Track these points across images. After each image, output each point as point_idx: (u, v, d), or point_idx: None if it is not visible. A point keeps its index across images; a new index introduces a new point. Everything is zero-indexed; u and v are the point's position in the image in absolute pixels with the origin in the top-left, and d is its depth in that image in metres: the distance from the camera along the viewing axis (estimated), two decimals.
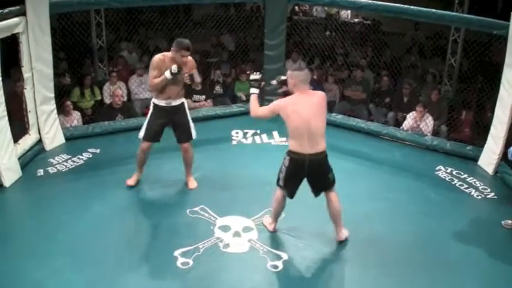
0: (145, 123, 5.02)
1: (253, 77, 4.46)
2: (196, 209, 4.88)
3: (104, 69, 8.02)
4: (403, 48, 9.71)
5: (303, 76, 4.13)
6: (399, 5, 6.47)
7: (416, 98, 7.58)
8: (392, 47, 9.28)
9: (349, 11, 11.96)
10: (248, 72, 4.66)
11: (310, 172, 4.16)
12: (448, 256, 4.38)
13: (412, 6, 6.30)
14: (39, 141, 6.01)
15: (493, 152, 5.94)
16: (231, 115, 7.37)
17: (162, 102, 4.91)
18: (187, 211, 4.85)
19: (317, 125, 4.08)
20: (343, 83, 8.29)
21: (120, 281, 3.93)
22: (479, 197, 5.44)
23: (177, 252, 4.23)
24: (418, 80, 8.30)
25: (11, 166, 5.25)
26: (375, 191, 5.42)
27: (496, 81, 6.13)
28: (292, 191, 4.30)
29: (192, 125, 5.12)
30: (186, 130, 5.07)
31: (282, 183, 4.28)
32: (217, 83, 8.27)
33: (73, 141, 6.33)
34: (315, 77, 7.80)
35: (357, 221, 4.69)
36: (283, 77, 4.33)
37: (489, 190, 5.56)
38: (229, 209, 4.88)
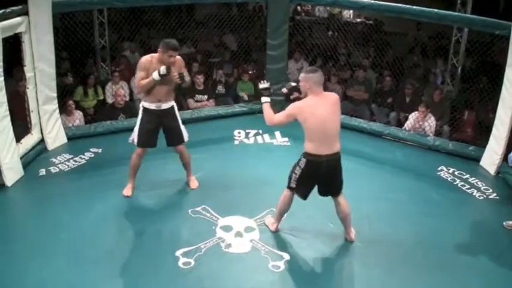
0: (136, 128, 4.90)
1: (263, 86, 4.42)
2: (198, 209, 4.88)
3: (106, 68, 8.02)
4: (406, 48, 9.68)
5: (317, 78, 4.09)
6: (401, 5, 6.47)
7: (419, 98, 7.57)
8: (394, 47, 9.25)
9: (352, 11, 11.95)
10: (258, 82, 4.61)
11: (327, 174, 4.17)
12: (449, 256, 4.37)
13: (415, 6, 6.31)
14: (41, 141, 6.03)
15: (495, 152, 5.93)
16: (233, 115, 7.37)
17: (152, 105, 4.82)
18: (189, 211, 4.85)
19: (333, 126, 4.11)
20: (346, 83, 8.27)
21: (121, 281, 3.94)
22: (481, 198, 5.43)
23: (178, 252, 4.23)
24: (420, 80, 8.28)
25: (13, 165, 5.26)
26: (376, 191, 5.42)
27: (498, 81, 6.12)
28: (305, 193, 4.29)
29: (183, 127, 5.04)
30: (177, 133, 4.99)
31: (293, 185, 4.27)
32: (220, 83, 8.28)
33: (75, 140, 6.34)
34: None
35: (359, 221, 4.68)
36: (293, 83, 4.30)
37: (491, 191, 5.56)
38: (231, 209, 4.88)
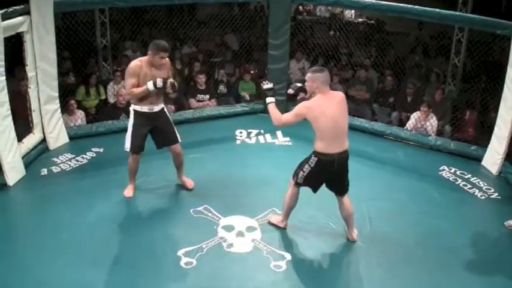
0: (129, 133, 4.84)
1: (267, 86, 4.41)
2: (200, 208, 4.89)
3: (108, 68, 8.03)
4: (407, 48, 9.67)
5: (325, 77, 4.11)
6: (403, 5, 6.47)
7: (420, 97, 7.56)
8: (396, 46, 9.24)
9: (353, 11, 11.94)
10: (260, 82, 4.60)
11: (337, 172, 4.19)
12: (450, 256, 4.37)
13: (416, 6, 6.30)
14: (43, 141, 6.03)
15: (496, 152, 5.93)
16: (235, 115, 7.37)
17: (144, 108, 4.76)
18: (191, 211, 4.85)
19: (343, 124, 4.16)
20: (347, 82, 8.27)
21: (123, 280, 3.94)
22: (483, 197, 5.43)
23: (180, 252, 4.23)
24: (422, 79, 8.28)
25: (15, 165, 5.26)
26: (378, 190, 5.42)
27: (499, 81, 6.12)
28: (314, 188, 4.33)
29: (175, 128, 5.00)
30: (172, 132, 4.96)
31: (300, 181, 4.29)
32: (221, 83, 8.28)
33: (77, 140, 6.34)
34: None
35: (360, 220, 4.69)
36: (299, 84, 4.30)
37: (493, 190, 5.55)
38: (233, 208, 4.88)
